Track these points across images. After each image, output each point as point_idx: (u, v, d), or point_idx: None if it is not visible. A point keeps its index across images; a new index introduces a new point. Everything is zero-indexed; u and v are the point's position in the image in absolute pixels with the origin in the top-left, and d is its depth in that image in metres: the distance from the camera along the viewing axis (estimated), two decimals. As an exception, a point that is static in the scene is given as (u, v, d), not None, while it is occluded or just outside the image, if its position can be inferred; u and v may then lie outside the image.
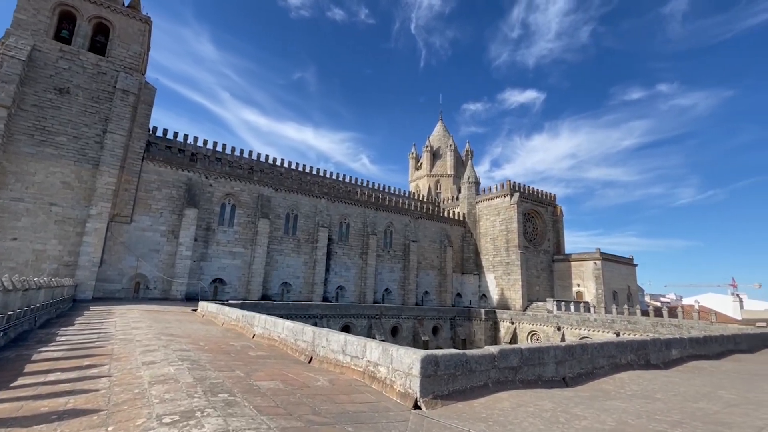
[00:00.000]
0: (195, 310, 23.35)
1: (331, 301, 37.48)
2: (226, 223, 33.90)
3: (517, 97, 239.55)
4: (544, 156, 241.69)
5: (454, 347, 37.85)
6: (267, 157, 43.80)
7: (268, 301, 30.75)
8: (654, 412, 5.78)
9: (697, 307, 53.49)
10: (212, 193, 33.47)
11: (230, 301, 26.20)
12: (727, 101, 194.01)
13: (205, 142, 39.52)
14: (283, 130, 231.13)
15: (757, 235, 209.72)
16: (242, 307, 25.46)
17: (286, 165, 45.11)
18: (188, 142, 38.30)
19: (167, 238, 30.72)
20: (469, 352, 7.08)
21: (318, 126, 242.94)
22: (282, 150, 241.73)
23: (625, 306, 38.83)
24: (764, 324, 27.62)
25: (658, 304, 71.30)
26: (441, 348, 37.67)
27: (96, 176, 26.84)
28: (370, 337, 32.36)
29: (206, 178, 33.33)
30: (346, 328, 31.48)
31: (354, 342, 8.03)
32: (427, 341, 35.08)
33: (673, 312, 35.12)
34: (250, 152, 42.34)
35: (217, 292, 32.51)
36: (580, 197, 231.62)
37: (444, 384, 6.44)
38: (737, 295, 71.22)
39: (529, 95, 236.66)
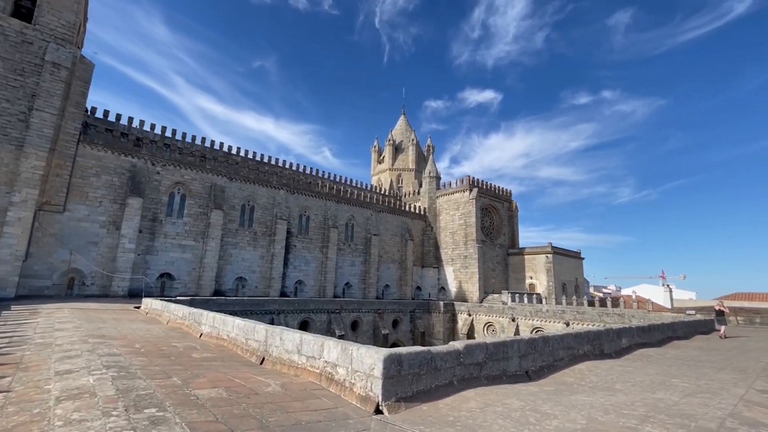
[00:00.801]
0: (138, 308, 21.55)
1: (289, 296, 36.25)
2: (175, 214, 31.55)
3: (476, 96, 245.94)
4: (501, 154, 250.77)
5: (413, 340, 38.09)
6: (221, 144, 41.32)
7: (220, 297, 29.05)
8: (619, 406, 5.68)
9: (634, 297, 57.73)
10: (160, 182, 30.96)
11: (178, 298, 24.41)
12: (661, 109, 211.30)
13: (153, 126, 36.48)
14: (242, 119, 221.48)
15: (683, 231, 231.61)
16: (191, 303, 23.80)
17: (242, 154, 42.84)
18: (133, 126, 35.14)
19: (107, 230, 28.02)
20: (434, 349, 6.70)
21: (279, 117, 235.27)
22: (240, 140, 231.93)
23: (574, 297, 40.94)
24: (693, 312, 30.09)
25: (601, 294, 76.37)
26: (401, 342, 37.76)
27: (20, 159, 23.80)
28: (329, 332, 31.65)
29: (153, 165, 30.74)
30: (304, 324, 30.52)
31: (310, 341, 7.42)
32: (387, 335, 34.96)
33: (616, 302, 37.46)
34: (203, 139, 39.70)
35: (164, 287, 30.26)
36: (533, 194, 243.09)
37: (408, 384, 6.01)
38: (667, 285, 77.78)
39: (488, 95, 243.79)
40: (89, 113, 32.51)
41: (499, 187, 53.28)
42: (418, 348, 6.45)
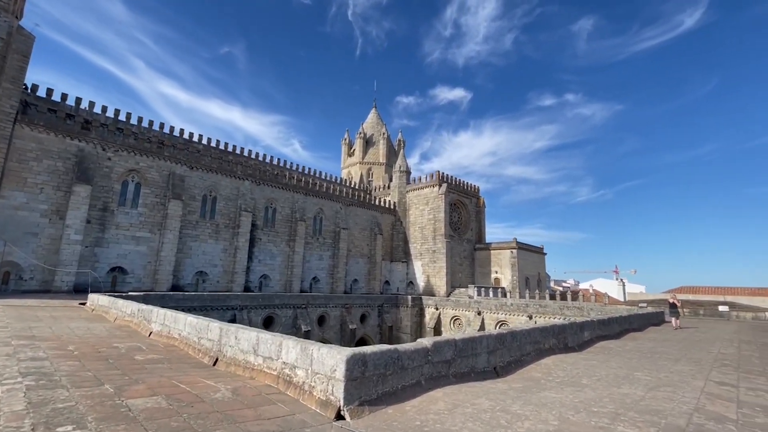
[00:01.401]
0: (83, 304, 19.87)
1: (253, 291, 34.97)
2: (129, 203, 29.42)
3: (447, 94, 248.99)
4: (469, 152, 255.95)
5: (381, 334, 37.94)
6: (182, 131, 39.00)
7: (178, 292, 27.45)
8: (589, 403, 5.53)
9: (591, 291, 60.56)
10: (111, 168, 28.70)
11: (130, 293, 22.76)
12: (618, 113, 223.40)
13: (104, 108, 33.75)
14: (207, 107, 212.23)
15: (635, 229, 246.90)
16: (145, 299, 22.32)
17: (204, 142, 40.68)
18: (82, 107, 32.33)
19: (50, 219, 25.66)
20: (401, 347, 6.32)
21: (247, 106, 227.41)
22: (206, 130, 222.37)
23: (537, 291, 42.26)
24: (644, 305, 31.83)
25: (561, 288, 79.83)
26: (368, 336, 37.52)
27: (-57, 139, 21.21)
28: (295, 328, 30.83)
29: (104, 150, 28.43)
30: (269, 320, 29.50)
31: (268, 340, 6.86)
32: (355, 329, 34.56)
33: (575, 296, 38.99)
34: (161, 125, 37.24)
35: (116, 282, 28.22)
36: (498, 191, 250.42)
37: (373, 386, 5.59)
38: (621, 280, 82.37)
39: (458, 93, 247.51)
40: (29, 91, 29.54)
41: (467, 183, 53.97)
42: (385, 347, 6.06)
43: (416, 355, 6.49)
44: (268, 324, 29.53)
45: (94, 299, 18.85)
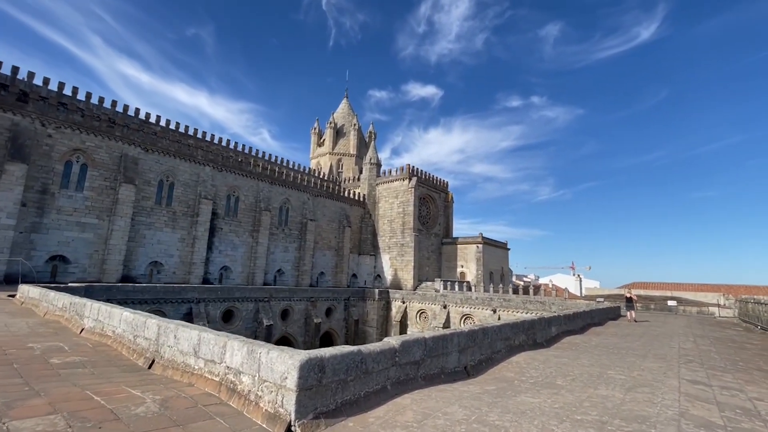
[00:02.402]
0: (13, 296, 17.75)
1: (213, 284, 33.12)
2: (73, 186, 26.73)
3: (419, 90, 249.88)
4: (438, 149, 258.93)
5: (347, 328, 37.24)
6: (137, 110, 36.04)
7: (128, 283, 25.36)
8: (570, 409, 5.05)
9: (551, 285, 62.66)
10: (52, 147, 25.91)
11: (71, 284, 20.69)
12: (579, 117, 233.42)
13: (46, 80, 30.45)
14: (172, 91, 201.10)
15: (590, 227, 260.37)
16: (87, 291, 20.36)
17: (162, 123, 37.86)
18: (19, 77, 28.98)
19: (-25, 201, 22.79)
20: (366, 348, 5.61)
21: (214, 92, 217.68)
22: (171, 114, 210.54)
23: (500, 285, 42.98)
24: (602, 299, 32.99)
25: (522, 283, 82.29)
26: (333, 331, 36.68)
27: None
28: (256, 322, 29.48)
29: (43, 125, 25.58)
30: (228, 314, 27.97)
31: (210, 341, 5.96)
32: (320, 323, 33.61)
33: (537, 290, 39.94)
34: (114, 102, 34.18)
35: (56, 272, 25.65)
36: (466, 188, 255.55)
37: (331, 395, 4.85)
38: (578, 275, 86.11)
39: (430, 90, 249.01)
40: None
41: (437, 177, 53.97)
42: (347, 349, 5.31)
43: (382, 357, 5.80)
44: (227, 318, 28.02)
45: (24, 291, 16.84)
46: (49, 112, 26.01)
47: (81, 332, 9.98)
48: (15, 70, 28.86)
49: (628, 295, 21.13)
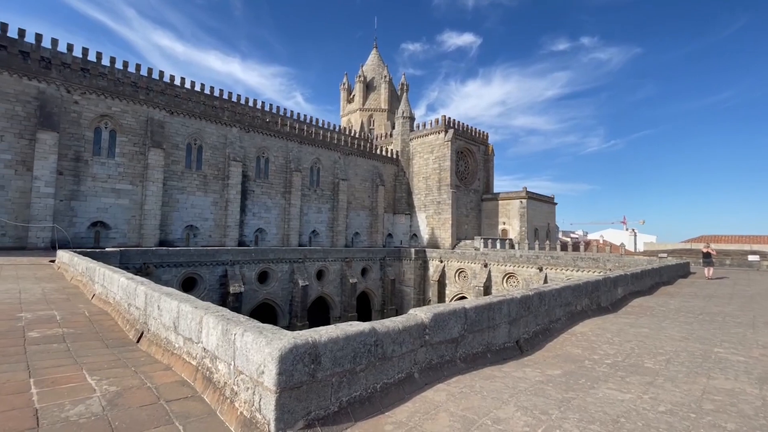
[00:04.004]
0: (53, 262, 18.12)
1: (248, 246, 33.30)
2: (105, 153, 26.86)
3: (455, 39, 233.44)
4: (477, 102, 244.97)
5: (383, 288, 36.71)
6: (161, 73, 35.28)
7: (162, 247, 25.72)
8: (685, 415, 3.23)
9: (601, 241, 58.60)
10: (80, 114, 25.84)
11: (107, 249, 20.98)
12: (636, 58, 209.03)
13: (70, 47, 30.04)
14: (206, 59, 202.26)
15: (643, 180, 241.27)
16: (123, 255, 20.56)
17: (188, 85, 37.06)
18: (43, 45, 28.72)
19: (16, 171, 23.36)
20: (381, 326, 4.06)
21: (246, 57, 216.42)
22: (206, 83, 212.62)
23: (546, 242, 40.25)
24: (665, 255, 29.67)
25: (569, 240, 78.00)
26: (370, 291, 36.20)
27: None
28: (292, 283, 29.36)
29: (68, 92, 25.40)
30: (263, 275, 27.97)
31: (188, 314, 4.64)
32: (356, 283, 33.19)
33: (587, 247, 36.95)
34: (138, 66, 33.51)
35: (99, 238, 26.48)
36: (507, 143, 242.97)
37: (332, 392, 3.36)
38: (633, 230, 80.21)
39: (467, 38, 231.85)
40: (-20, 26, 25.92)
41: (475, 129, 50.22)
42: (354, 328, 3.78)
43: (406, 335, 4.26)
44: (263, 279, 28.06)
45: (60, 256, 17.03)
46: (73, 78, 25.68)
47: (92, 298, 9.35)
48: (38, 37, 28.53)
49: (706, 250, 18.23)
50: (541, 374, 4.77)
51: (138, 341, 5.86)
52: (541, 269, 30.33)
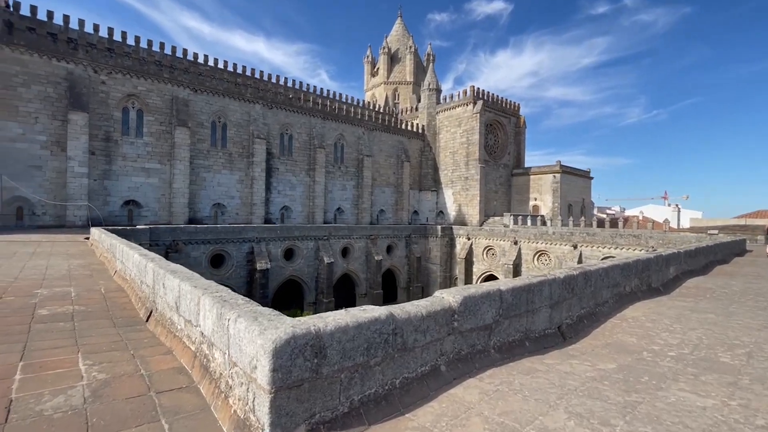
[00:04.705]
0: (88, 239, 18.73)
1: (274, 223, 33.53)
2: (133, 132, 27.28)
3: (485, 7, 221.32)
4: (507, 73, 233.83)
5: (409, 265, 36.29)
6: (185, 51, 35.14)
7: (190, 225, 26.18)
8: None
9: (641, 217, 55.36)
10: (107, 94, 26.18)
11: (138, 227, 21.49)
12: (685, 18, 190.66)
13: (96, 27, 30.26)
14: (231, 39, 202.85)
15: (687, 152, 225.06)
16: (153, 233, 20.98)
17: (211, 63, 36.82)
18: (71, 26, 29.02)
19: (51, 151, 24.13)
20: (400, 311, 3.41)
21: (270, 36, 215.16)
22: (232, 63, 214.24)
23: (581, 218, 38.23)
24: (715, 232, 27.35)
25: (605, 216, 74.33)
26: (395, 268, 35.86)
27: None
28: (317, 260, 29.39)
29: (95, 72, 25.69)
30: (289, 252, 28.11)
31: (187, 294, 4.19)
32: (381, 260, 32.91)
33: (627, 223, 34.78)
34: (162, 44, 33.45)
35: (132, 216, 27.28)
36: (538, 116, 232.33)
37: (341, 390, 2.78)
38: (676, 205, 75.30)
39: (497, 6, 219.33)
40: (11, 9, 26.39)
41: (506, 100, 47.63)
42: (367, 314, 3.16)
43: (431, 322, 3.61)
44: (289, 256, 28.23)
45: (93, 233, 17.51)
46: (99, 58, 25.89)
47: (114, 274, 9.31)
48: (66, 19, 28.82)
49: (769, 225, 16.40)
50: (592, 368, 4.03)
51: (147, 320, 5.57)
52: (575, 246, 28.80)
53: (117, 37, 31.29)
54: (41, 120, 23.74)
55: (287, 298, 29.44)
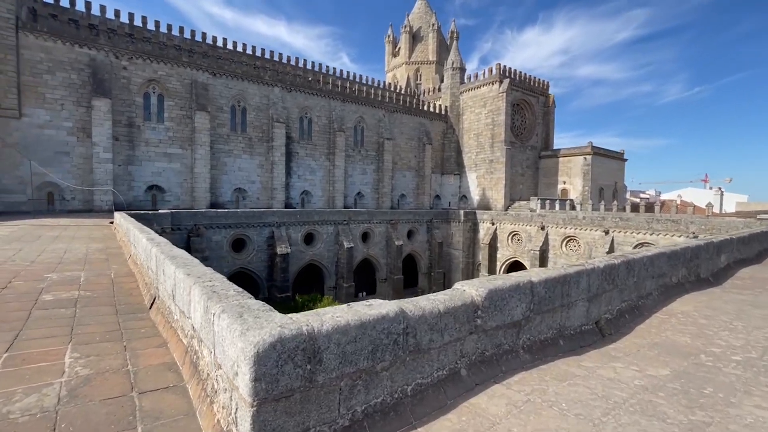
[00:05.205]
0: (112, 223, 19.13)
1: (295, 208, 33.53)
2: (154, 117, 27.52)
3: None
4: (536, 51, 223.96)
5: (430, 251, 35.71)
6: (204, 35, 35.03)
7: (211, 209, 26.41)
8: None
9: (678, 201, 52.30)
10: (129, 79, 26.39)
11: (160, 211, 21.79)
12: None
13: (117, 13, 30.49)
14: (253, 24, 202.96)
15: (731, 131, 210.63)
16: (174, 217, 21.21)
17: (230, 46, 36.61)
18: (92, 13, 29.29)
19: (77, 138, 24.67)
20: (413, 307, 2.86)
21: (291, 19, 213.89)
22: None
23: (613, 202, 36.37)
24: (766, 216, 25.23)
25: (638, 200, 70.90)
26: (416, 253, 35.36)
27: (-53, 51, 19.63)
28: (337, 245, 29.24)
29: (117, 58, 25.86)
30: (309, 237, 28.05)
31: (181, 283, 3.82)
32: (401, 245, 32.45)
33: (665, 207, 32.80)
34: (181, 28, 33.44)
35: (156, 201, 27.79)
36: (568, 97, 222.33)
37: (340, 401, 2.28)
38: (718, 188, 70.88)
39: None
40: (36, -3, 26.76)
41: (534, 78, 45.33)
42: (373, 311, 2.64)
43: (450, 319, 3.07)
44: (309, 241, 28.20)
45: (116, 218, 17.83)
46: (120, 43, 26.01)
47: (128, 258, 9.25)
48: (88, 5, 29.09)
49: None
50: (641, 374, 3.42)
51: (150, 308, 5.32)
52: (607, 232, 27.37)
53: (137, 22, 31.45)
54: (66, 107, 24.21)
55: (308, 283, 29.58)
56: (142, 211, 20.47)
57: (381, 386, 2.59)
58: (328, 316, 2.41)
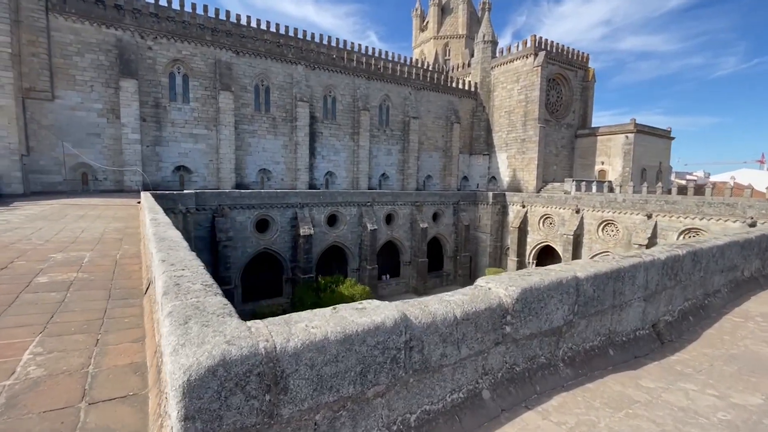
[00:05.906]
0: (140, 203, 19.46)
1: (319, 189, 33.29)
2: (180, 98, 27.64)
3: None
4: (575, 24, 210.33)
5: (456, 234, 34.71)
6: (228, 13, 34.56)
7: (235, 190, 26.50)
8: None
9: (731, 183, 48.19)
10: (154, 59, 26.47)
11: (185, 191, 21.98)
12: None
13: (143, -7, 30.47)
14: (281, 4, 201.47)
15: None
16: (199, 197, 21.34)
17: (253, 24, 35.97)
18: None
19: (107, 119, 25.15)
20: (420, 312, 2.10)
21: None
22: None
23: (658, 184, 33.81)
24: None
25: (684, 182, 66.00)
26: (441, 236, 34.38)
27: (-18, 34, 20.15)
28: (360, 226, 28.80)
29: (142, 38, 25.92)
30: (332, 218, 27.76)
31: (157, 270, 3.34)
32: (426, 228, 31.62)
33: (716, 189, 30.09)
34: (205, 7, 33.11)
35: (183, 181, 28.21)
36: (608, 72, 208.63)
37: None
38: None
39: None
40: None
41: (572, 50, 42.24)
42: (364, 318, 1.91)
43: (469, 327, 2.32)
44: (332, 222, 27.92)
45: (142, 197, 18.08)
46: (145, 23, 25.99)
47: (142, 239, 9.08)
48: (114, -15, 29.12)
49: None
50: (722, 402, 2.60)
51: (146, 292, 4.93)
52: (649, 216, 25.39)
53: (162, 1, 31.30)
54: (96, 88, 24.61)
55: (331, 264, 29.51)
56: (167, 192, 20.70)
57: (374, 417, 1.94)
58: (300, 327, 1.76)
